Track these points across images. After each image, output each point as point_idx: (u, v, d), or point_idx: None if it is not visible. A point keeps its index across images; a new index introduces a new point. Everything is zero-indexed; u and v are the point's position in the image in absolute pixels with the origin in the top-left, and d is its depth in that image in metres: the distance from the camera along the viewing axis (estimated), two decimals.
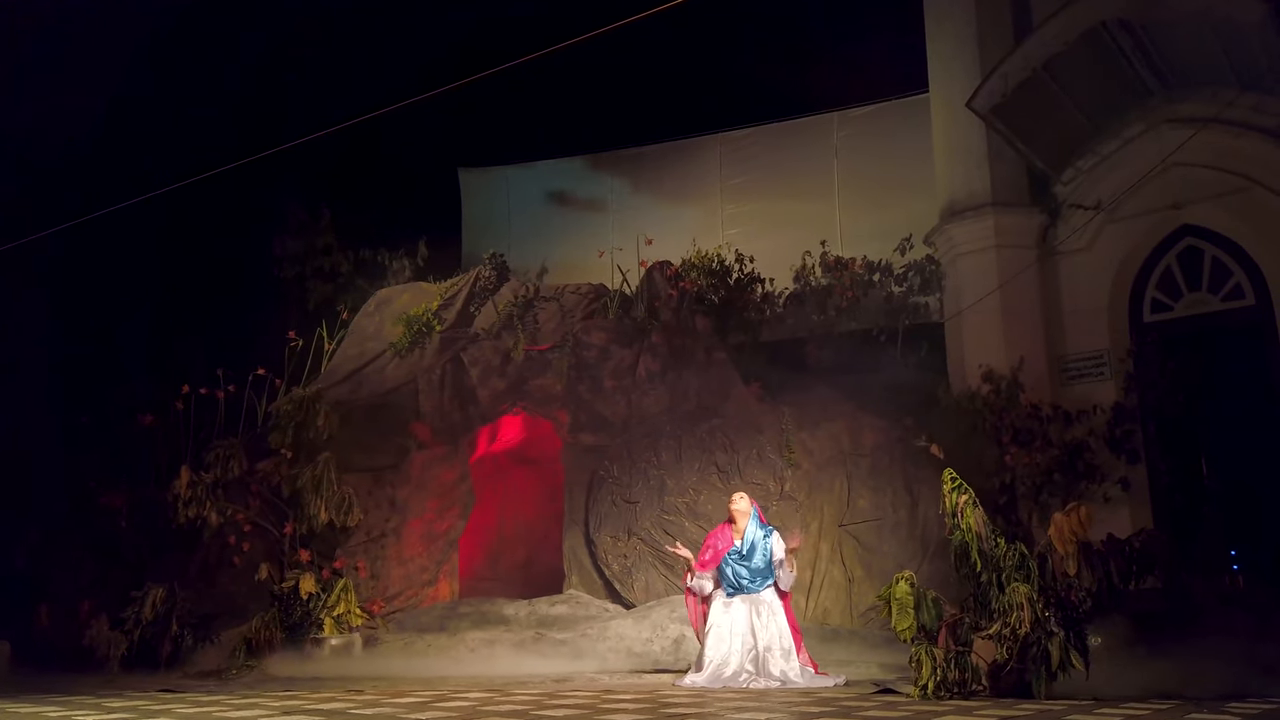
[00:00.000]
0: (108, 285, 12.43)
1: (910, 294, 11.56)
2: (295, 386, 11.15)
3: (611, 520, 10.03)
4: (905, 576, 5.55)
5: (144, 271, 12.87)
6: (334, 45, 15.15)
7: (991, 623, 5.33)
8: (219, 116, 13.69)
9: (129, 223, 9.13)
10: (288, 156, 8.50)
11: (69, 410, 10.78)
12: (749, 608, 6.53)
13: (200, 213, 12.39)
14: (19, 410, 10.72)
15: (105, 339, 12.18)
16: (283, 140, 7.74)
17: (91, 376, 11.39)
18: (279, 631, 8.73)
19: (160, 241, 12.76)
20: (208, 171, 6.87)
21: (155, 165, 11.58)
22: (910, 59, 12.55)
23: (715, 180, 14.35)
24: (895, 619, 5.39)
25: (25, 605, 8.96)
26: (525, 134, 16.20)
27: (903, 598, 5.38)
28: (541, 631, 9.03)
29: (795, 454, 9.93)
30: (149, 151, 12.59)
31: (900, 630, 5.42)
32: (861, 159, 13.66)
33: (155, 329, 12.66)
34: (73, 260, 10.75)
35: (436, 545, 10.41)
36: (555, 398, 10.93)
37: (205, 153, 13.09)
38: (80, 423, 10.59)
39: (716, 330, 11.22)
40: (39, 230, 6.96)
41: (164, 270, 13.11)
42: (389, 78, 15.11)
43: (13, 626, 8.77)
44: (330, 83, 14.49)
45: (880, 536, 9.61)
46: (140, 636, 8.68)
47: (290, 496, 9.72)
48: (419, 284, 12.47)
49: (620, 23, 6.02)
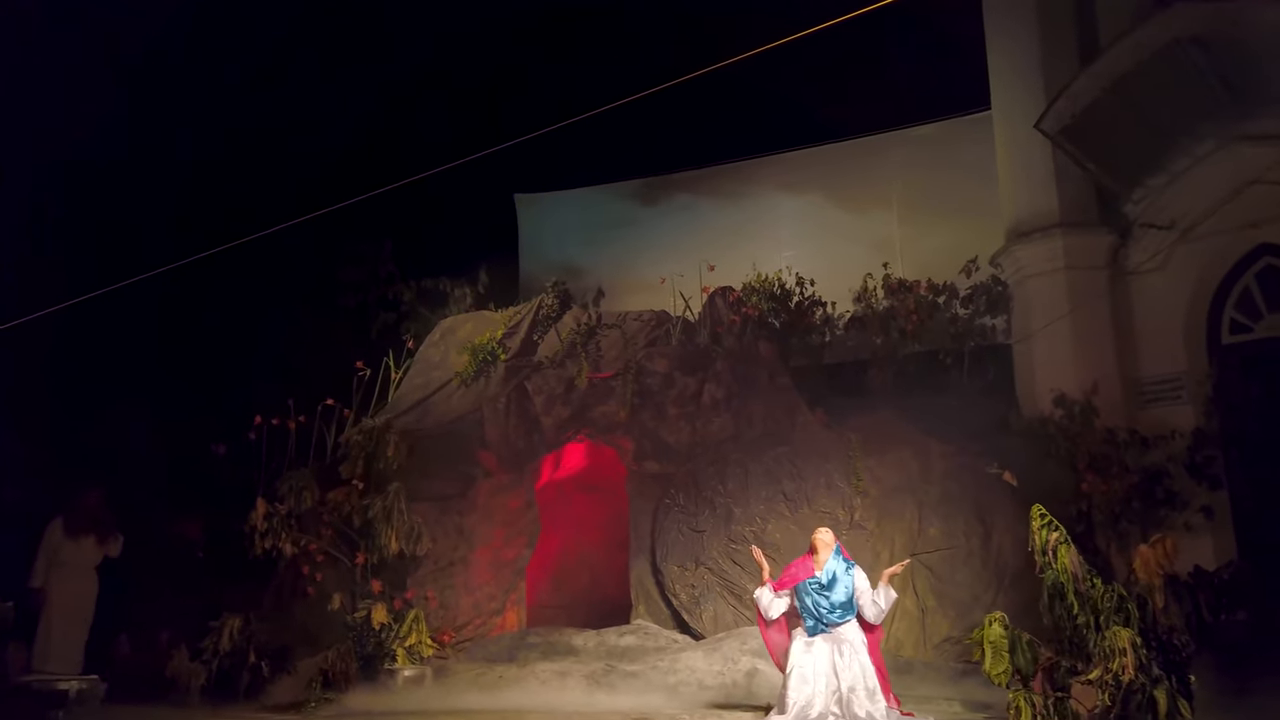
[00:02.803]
0: (180, 316, 12.73)
1: (976, 316, 11.42)
2: (364, 416, 11.28)
3: (678, 549, 9.99)
4: (998, 618, 5.44)
5: (214, 302, 13.15)
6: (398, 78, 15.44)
7: (1090, 667, 5.19)
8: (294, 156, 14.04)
9: (202, 259, 9.31)
10: (351, 191, 8.68)
11: (144, 441, 10.99)
12: (831, 647, 6.44)
13: (267, 244, 12.64)
14: (98, 440, 10.98)
15: (178, 370, 12.46)
16: (351, 172, 7.91)
17: (165, 407, 11.63)
18: (354, 663, 8.79)
19: (229, 273, 13.04)
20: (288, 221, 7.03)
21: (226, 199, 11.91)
22: (969, 78, 12.45)
23: (773, 202, 14.31)
24: (989, 663, 5.28)
25: (108, 636, 9.13)
26: (579, 158, 16.32)
27: (996, 640, 5.27)
28: (611, 663, 8.99)
29: (863, 481, 9.81)
30: (221, 191, 12.95)
31: (995, 675, 5.30)
32: (921, 179, 13.54)
33: (226, 360, 12.91)
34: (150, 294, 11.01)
35: (504, 574, 10.43)
36: (619, 425, 10.92)
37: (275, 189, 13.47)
38: (156, 453, 10.79)
39: (780, 355, 11.16)
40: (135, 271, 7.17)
41: (233, 301, 13.39)
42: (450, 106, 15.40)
43: (96, 657, 8.93)
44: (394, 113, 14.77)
45: (953, 566, 9.44)
46: (219, 667, 8.80)
47: (361, 526, 9.80)
48: (482, 312, 12.58)
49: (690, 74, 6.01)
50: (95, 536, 8.89)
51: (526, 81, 15.85)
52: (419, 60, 15.92)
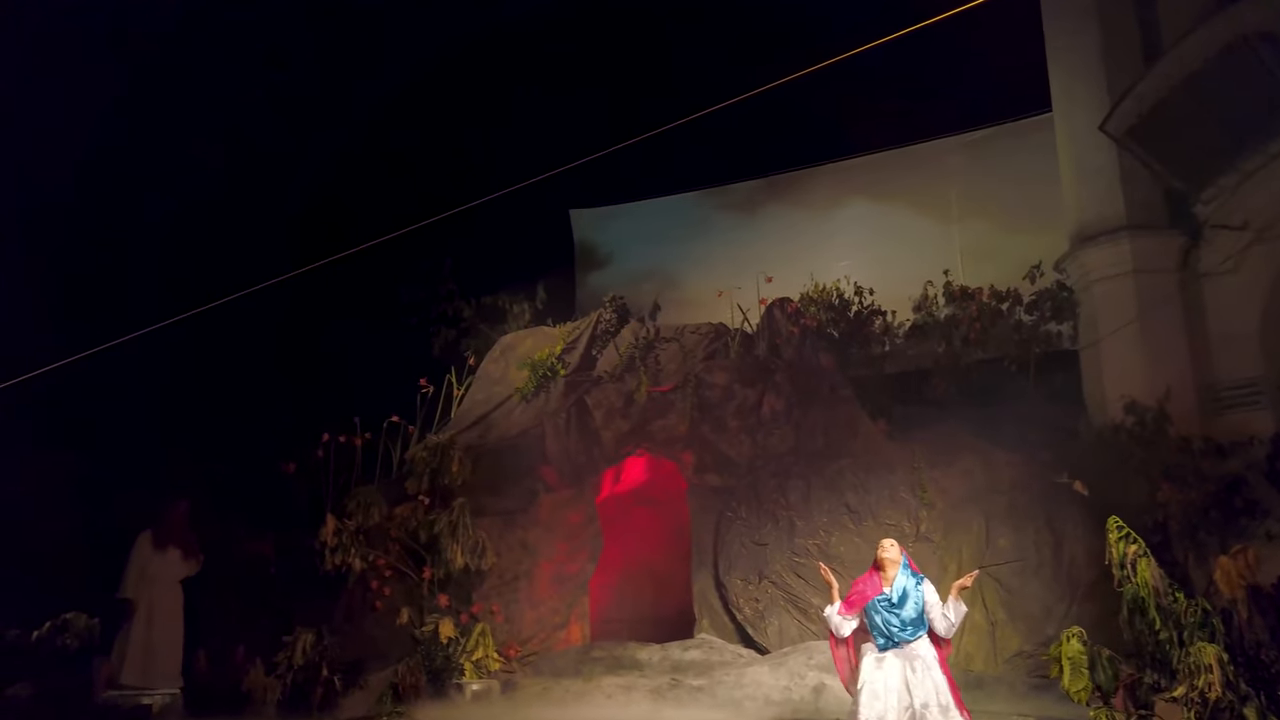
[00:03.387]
0: (251, 336, 13.07)
1: (1042, 322, 11.21)
2: (428, 432, 11.46)
3: (741, 563, 9.94)
4: (1075, 633, 5.32)
5: (282, 324, 13.48)
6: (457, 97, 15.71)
7: (1175, 684, 5.05)
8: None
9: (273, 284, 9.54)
10: (414, 211, 8.84)
11: (218, 461, 11.29)
12: (903, 663, 6.33)
13: (331, 266, 12.95)
14: (174, 460, 11.29)
15: (248, 391, 12.79)
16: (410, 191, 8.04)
17: (237, 427, 11.93)
18: (423, 676, 8.91)
19: (295, 294, 13.38)
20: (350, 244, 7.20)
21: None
22: (1028, 80, 12.25)
23: (829, 213, 14.23)
24: (1068, 679, 5.17)
25: (186, 651, 9.36)
26: (634, 172, 16.42)
27: (1075, 656, 5.16)
28: (677, 677, 8.98)
29: (929, 493, 9.67)
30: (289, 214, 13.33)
31: (1074, 692, 5.19)
32: (981, 185, 13.38)
33: (293, 379, 13.22)
34: (219, 318, 11.35)
35: (567, 588, 10.49)
36: (679, 438, 10.94)
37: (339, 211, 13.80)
38: (229, 472, 11.07)
39: (840, 366, 11.08)
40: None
41: (299, 322, 13.70)
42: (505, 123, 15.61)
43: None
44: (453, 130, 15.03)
45: (1023, 578, 9.24)
46: (293, 681, 8.97)
47: (427, 542, 9.95)
48: (541, 328, 12.72)
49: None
50: (181, 550, 9.11)
51: (582, 98, 16.00)
52: (476, 75, 16.16)
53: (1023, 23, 11.80)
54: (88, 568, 9.28)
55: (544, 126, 15.80)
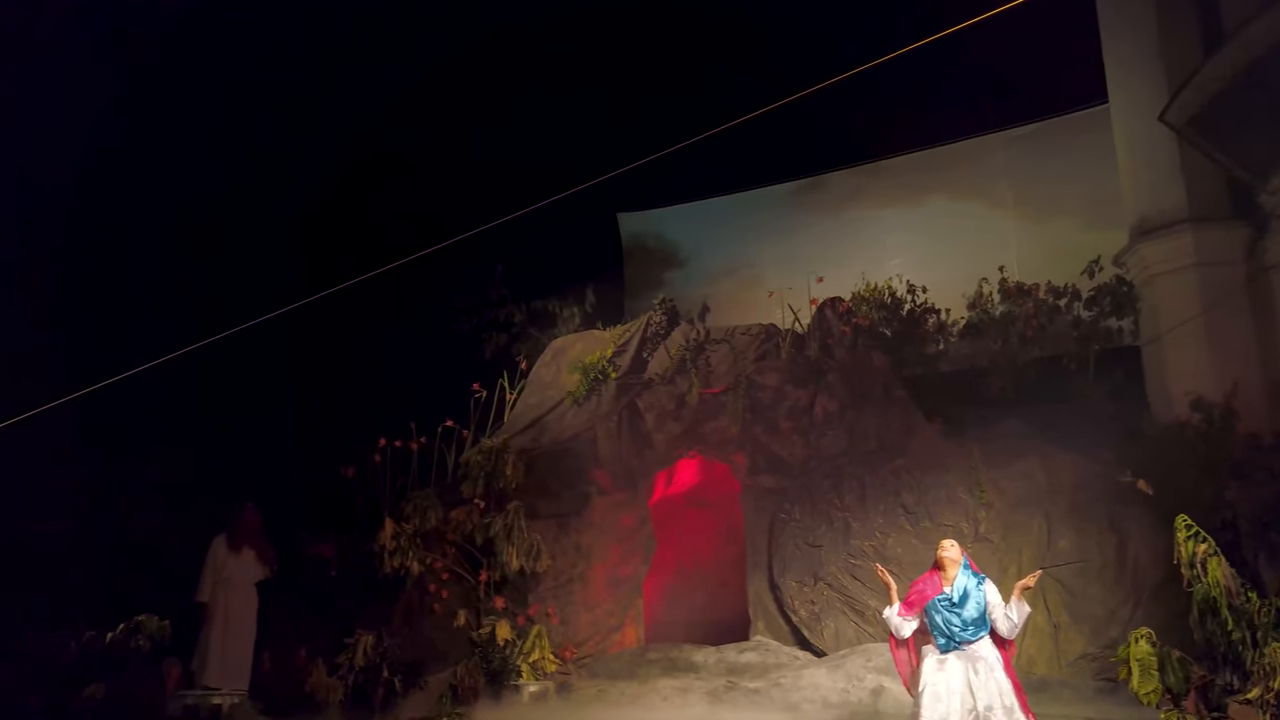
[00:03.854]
0: (305, 347, 13.37)
1: (1101, 318, 10.98)
2: (482, 437, 11.58)
3: (796, 564, 9.89)
4: (1144, 634, 5.21)
5: (336, 332, 13.74)
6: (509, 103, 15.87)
7: (1249, 685, 4.92)
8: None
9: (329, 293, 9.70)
10: (464, 221, 8.95)
11: (279, 467, 11.54)
12: (965, 665, 6.24)
13: (385, 275, 13.18)
14: (234, 464, 11.58)
15: (306, 398, 13.06)
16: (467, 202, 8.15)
17: (296, 434, 12.19)
18: (481, 678, 9.01)
19: (351, 302, 13.64)
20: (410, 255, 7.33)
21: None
22: (1083, 71, 12.03)
23: (880, 210, 14.10)
24: (1137, 681, 5.06)
25: (252, 653, 9.56)
26: (681, 174, 16.43)
27: (1144, 658, 5.04)
28: (733, 680, 8.96)
29: (987, 493, 9.52)
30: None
31: (1144, 694, 5.07)
32: (1035, 179, 13.16)
33: (350, 386, 13.46)
34: (277, 329, 11.64)
35: (621, 590, 10.52)
36: (731, 440, 10.92)
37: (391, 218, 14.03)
38: (289, 476, 11.31)
39: (893, 366, 10.97)
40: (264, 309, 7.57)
41: (354, 329, 13.96)
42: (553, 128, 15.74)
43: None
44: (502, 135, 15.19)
45: (1086, 580, 9.04)
46: (354, 682, 9.14)
47: (483, 545, 10.06)
48: (591, 332, 12.78)
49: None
50: (255, 553, 9.30)
51: (629, 100, 16.08)
52: (528, 82, 16.33)
53: (1076, 12, 11.60)
54: (157, 571, 9.53)
55: (591, 129, 15.91)
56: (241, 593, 9.16)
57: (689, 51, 16.43)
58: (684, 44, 16.36)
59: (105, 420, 9.86)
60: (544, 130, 16.16)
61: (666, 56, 16.44)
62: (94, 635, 8.64)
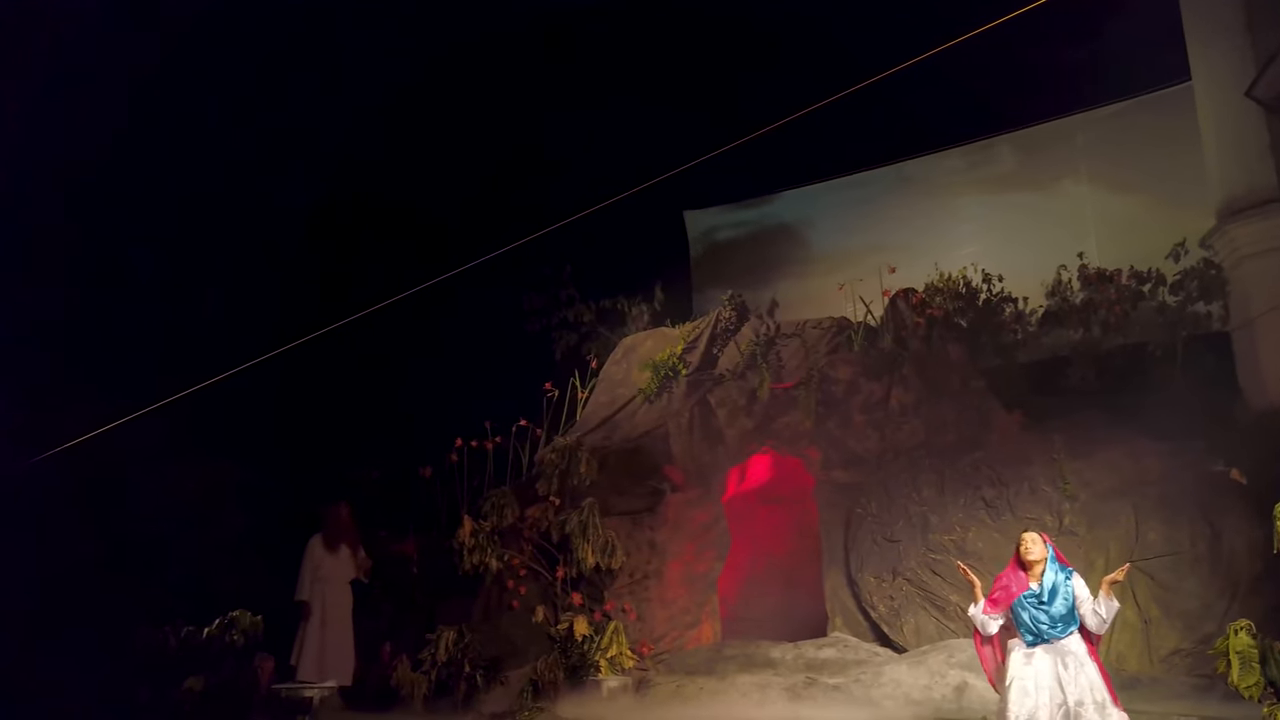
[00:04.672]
0: (385, 351, 13.72)
1: (1188, 303, 10.61)
2: (555, 435, 11.72)
3: (874, 560, 9.78)
4: (1244, 626, 5.04)
5: (413, 337, 14.07)
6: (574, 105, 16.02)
7: None
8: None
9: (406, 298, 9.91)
10: (533, 223, 9.07)
11: (360, 466, 11.84)
12: (1053, 659, 6.09)
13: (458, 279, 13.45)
14: (318, 466, 11.91)
15: (385, 400, 13.39)
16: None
17: (377, 435, 12.50)
18: (560, 673, 9.12)
19: (424, 305, 13.93)
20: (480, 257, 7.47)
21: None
22: (1159, 49, 11.65)
23: (952, 198, 13.85)
24: (1237, 675, 4.89)
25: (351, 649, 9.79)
26: (745, 169, 16.37)
27: (1245, 651, 4.88)
28: (812, 676, 8.90)
29: (1071, 485, 9.28)
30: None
31: (1245, 688, 4.91)
32: (1113, 162, 12.77)
33: (427, 388, 13.76)
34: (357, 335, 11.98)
35: (697, 587, 10.54)
36: (804, 435, 10.85)
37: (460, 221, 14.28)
38: (370, 477, 11.60)
39: (970, 356, 10.76)
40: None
41: (432, 329, 14.27)
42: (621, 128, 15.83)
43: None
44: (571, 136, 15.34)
45: (1178, 573, 8.76)
46: (437, 677, 9.33)
47: (559, 542, 10.18)
48: (661, 329, 12.82)
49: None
50: (351, 552, 9.56)
51: (690, 97, 16.08)
52: (593, 80, 16.44)
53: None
54: (249, 568, 9.87)
55: (655, 127, 15.94)
56: (338, 590, 9.35)
57: (756, 41, 16.35)
58: (752, 34, 16.30)
59: (199, 425, 10.24)
60: (611, 130, 16.26)
61: (734, 48, 16.41)
62: (192, 630, 8.99)
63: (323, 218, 14.10)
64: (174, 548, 9.83)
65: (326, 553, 9.40)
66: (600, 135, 16.50)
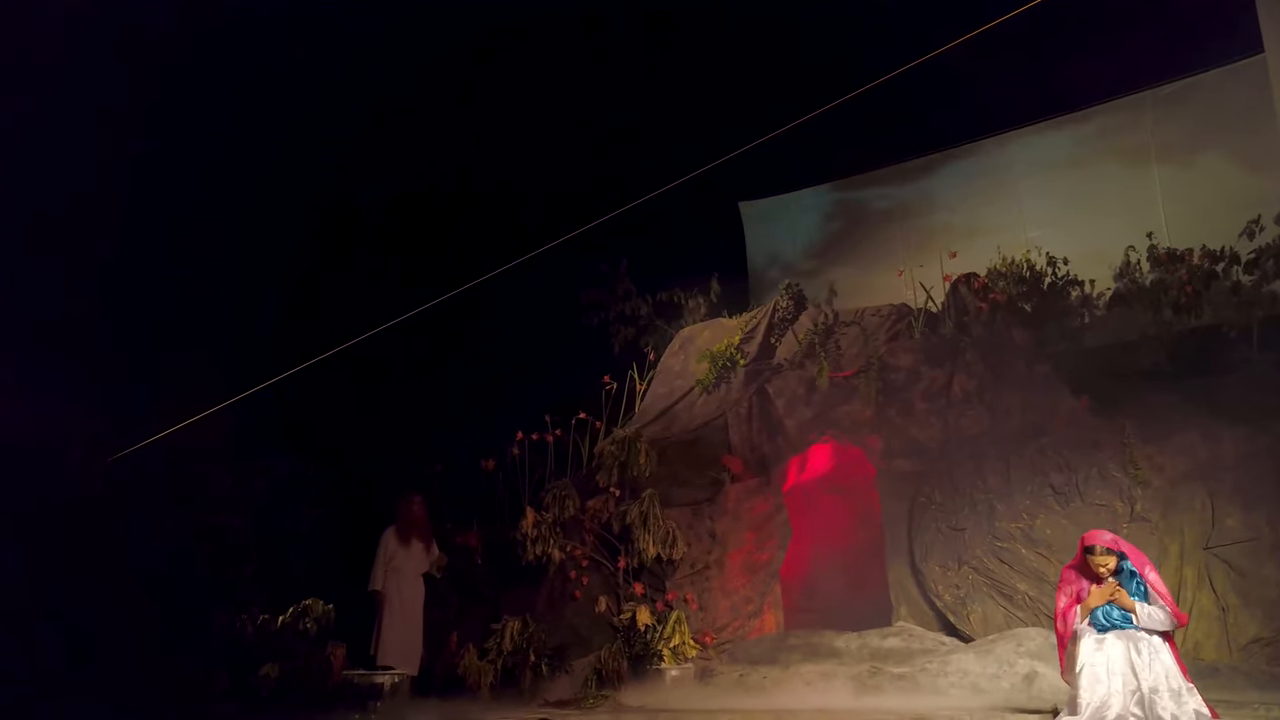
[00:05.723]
0: (442, 347, 13.95)
1: (1264, 282, 10.25)
2: (614, 427, 11.81)
3: (939, 549, 9.66)
4: None
5: (475, 330, 14.29)
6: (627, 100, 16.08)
7: None
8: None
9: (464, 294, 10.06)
10: (589, 214, 9.13)
11: (426, 460, 12.07)
12: (1126, 644, 5.97)
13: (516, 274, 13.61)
14: (386, 460, 12.18)
15: (447, 394, 13.62)
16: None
17: (440, 430, 12.73)
18: (624, 662, 9.20)
19: (482, 303, 14.15)
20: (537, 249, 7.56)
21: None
22: (1227, 21, 11.24)
23: (1014, 181, 13.56)
24: None
25: (422, 639, 10.00)
26: (801, 157, 16.23)
27: None
28: (877, 665, 8.83)
29: (1143, 470, 9.05)
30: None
31: None
32: (1182, 139, 12.37)
33: (489, 382, 13.97)
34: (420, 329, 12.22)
35: (758, 577, 10.52)
36: (864, 424, 10.75)
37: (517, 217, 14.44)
38: (435, 470, 11.82)
39: (1035, 341, 10.55)
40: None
41: (492, 326, 14.48)
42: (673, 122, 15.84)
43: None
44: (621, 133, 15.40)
45: (1257, 560, 8.49)
46: (503, 666, 9.48)
47: (620, 532, 10.26)
48: (718, 320, 12.82)
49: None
50: (423, 543, 9.78)
51: (748, 88, 16.01)
52: (644, 76, 16.48)
53: None
54: (319, 559, 10.14)
55: (709, 117, 15.91)
56: (410, 582, 9.59)
57: (813, 31, 16.21)
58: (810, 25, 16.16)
59: (269, 422, 10.55)
60: (666, 121, 16.29)
61: (793, 36, 16.27)
62: (267, 619, 9.26)
63: (383, 215, 14.37)
64: (248, 540, 10.14)
65: (399, 545, 9.61)
66: (658, 128, 16.55)
